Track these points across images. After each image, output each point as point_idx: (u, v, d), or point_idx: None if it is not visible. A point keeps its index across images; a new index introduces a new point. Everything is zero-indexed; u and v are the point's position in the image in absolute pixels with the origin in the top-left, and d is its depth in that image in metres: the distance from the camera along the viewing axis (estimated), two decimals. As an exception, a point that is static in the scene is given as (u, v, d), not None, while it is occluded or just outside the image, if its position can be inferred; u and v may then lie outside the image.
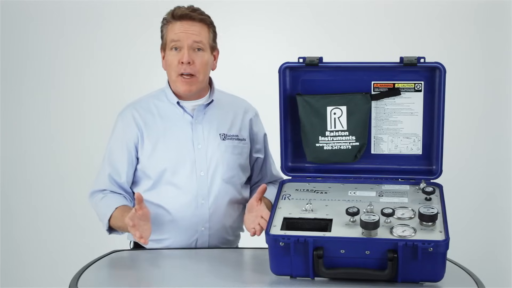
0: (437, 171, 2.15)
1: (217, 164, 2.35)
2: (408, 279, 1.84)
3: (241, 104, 2.48)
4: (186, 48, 2.26)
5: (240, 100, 2.50)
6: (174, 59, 2.28)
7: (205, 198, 2.33)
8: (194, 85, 2.31)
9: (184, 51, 2.26)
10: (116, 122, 2.39)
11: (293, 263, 1.88)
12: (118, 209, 2.27)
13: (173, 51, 2.28)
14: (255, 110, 2.51)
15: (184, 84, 2.29)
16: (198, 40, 2.28)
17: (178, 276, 2.03)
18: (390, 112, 2.18)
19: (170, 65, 2.30)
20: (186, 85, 2.30)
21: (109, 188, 2.35)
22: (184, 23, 2.27)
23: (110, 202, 2.31)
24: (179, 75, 2.28)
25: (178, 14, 2.28)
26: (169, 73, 2.32)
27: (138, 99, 2.42)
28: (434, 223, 1.88)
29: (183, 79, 2.29)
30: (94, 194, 2.37)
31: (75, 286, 1.91)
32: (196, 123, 2.36)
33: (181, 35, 2.26)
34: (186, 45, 2.26)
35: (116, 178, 2.34)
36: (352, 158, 2.20)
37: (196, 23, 2.28)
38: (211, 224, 2.35)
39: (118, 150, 2.34)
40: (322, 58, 2.14)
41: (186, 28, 2.27)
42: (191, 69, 2.27)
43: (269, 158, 2.53)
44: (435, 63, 2.08)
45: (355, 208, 1.95)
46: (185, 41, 2.26)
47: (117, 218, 2.26)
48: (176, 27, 2.27)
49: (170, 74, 2.32)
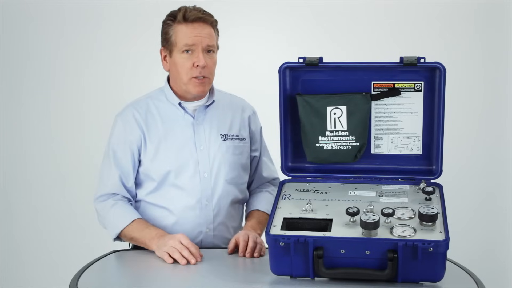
0: (437, 171, 2.15)
1: (219, 165, 2.35)
2: (408, 279, 1.84)
3: (238, 103, 2.48)
4: (201, 52, 2.25)
5: (237, 98, 2.50)
6: (187, 62, 2.26)
7: (209, 199, 2.34)
8: (207, 86, 2.32)
9: (199, 54, 2.25)
10: (116, 123, 2.36)
11: (293, 263, 1.88)
12: (135, 221, 2.26)
13: (184, 54, 2.26)
14: (252, 108, 2.51)
15: (197, 85, 2.28)
16: (211, 43, 2.28)
17: (178, 276, 2.03)
18: (390, 112, 2.18)
19: (182, 68, 2.27)
20: (200, 87, 2.29)
21: (118, 191, 2.32)
22: (197, 26, 2.26)
23: (124, 213, 2.28)
24: (192, 78, 2.27)
25: (191, 18, 2.25)
26: (180, 75, 2.29)
27: (137, 100, 2.41)
28: (434, 223, 1.88)
29: (197, 81, 2.28)
30: (102, 198, 2.33)
31: (75, 286, 1.91)
32: (197, 124, 2.35)
33: (196, 39, 2.25)
34: (201, 48, 2.25)
35: (125, 181, 2.32)
36: (352, 158, 2.20)
37: (207, 26, 2.28)
38: (215, 225, 2.35)
39: (122, 152, 2.32)
40: (322, 58, 2.14)
41: (199, 31, 2.26)
42: (205, 72, 2.27)
43: (263, 156, 2.52)
44: (435, 63, 2.08)
45: (355, 208, 1.95)
46: (200, 44, 2.25)
47: (134, 230, 2.24)
48: (189, 31, 2.25)
49: (181, 77, 2.29)
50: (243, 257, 2.14)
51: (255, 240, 2.17)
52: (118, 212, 2.28)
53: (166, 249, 2.11)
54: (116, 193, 2.32)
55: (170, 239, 2.13)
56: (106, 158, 2.35)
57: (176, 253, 2.09)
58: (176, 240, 2.12)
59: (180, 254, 2.08)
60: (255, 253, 2.14)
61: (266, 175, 2.52)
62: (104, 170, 2.35)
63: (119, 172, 2.31)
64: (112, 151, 2.33)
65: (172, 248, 2.10)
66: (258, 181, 2.53)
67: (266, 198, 2.46)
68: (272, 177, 2.54)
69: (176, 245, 2.10)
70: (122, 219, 2.27)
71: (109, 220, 2.30)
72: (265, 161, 2.53)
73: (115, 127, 2.36)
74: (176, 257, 2.08)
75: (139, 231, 2.23)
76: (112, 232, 2.29)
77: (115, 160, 2.32)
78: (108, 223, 2.30)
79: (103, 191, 2.33)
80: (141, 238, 2.22)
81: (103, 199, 2.32)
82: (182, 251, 2.09)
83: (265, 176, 2.52)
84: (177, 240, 2.12)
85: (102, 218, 2.33)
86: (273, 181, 2.54)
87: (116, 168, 2.31)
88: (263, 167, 2.52)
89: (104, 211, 2.30)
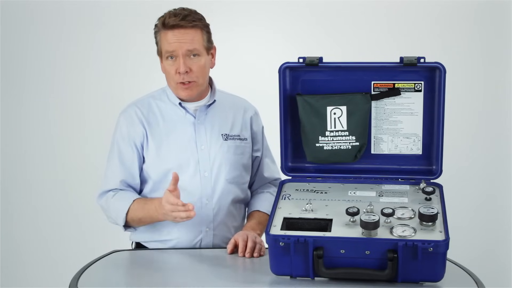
0: (437, 171, 2.15)
1: (220, 165, 2.35)
2: (408, 279, 1.84)
3: (240, 104, 2.48)
4: (182, 58, 2.24)
5: (240, 99, 2.50)
6: (171, 68, 2.27)
7: (209, 199, 2.34)
8: (195, 89, 2.31)
9: (179, 60, 2.24)
10: (119, 121, 2.37)
11: (293, 263, 1.88)
12: (135, 201, 2.27)
13: (169, 60, 2.26)
14: (254, 109, 2.51)
15: (184, 90, 2.29)
16: (192, 48, 2.25)
17: (178, 276, 2.03)
18: (390, 112, 2.18)
19: (168, 74, 2.29)
20: (187, 91, 2.29)
21: (122, 188, 2.32)
22: (176, 32, 2.24)
23: (125, 197, 2.29)
24: (178, 83, 2.28)
25: (170, 24, 2.24)
26: (168, 81, 2.32)
27: (139, 99, 2.41)
28: (434, 223, 1.88)
29: (183, 86, 2.28)
30: (103, 194, 2.34)
31: (75, 286, 1.91)
32: (198, 124, 2.36)
33: (175, 45, 2.24)
34: (181, 54, 2.24)
35: (129, 180, 2.33)
36: (352, 158, 2.20)
37: (188, 30, 2.25)
38: (215, 224, 2.36)
39: (127, 149, 2.32)
40: (322, 58, 2.14)
41: (179, 37, 2.24)
42: (189, 77, 2.27)
43: (265, 157, 2.52)
44: (435, 63, 2.08)
45: (355, 208, 1.95)
46: (179, 50, 2.24)
47: (137, 209, 2.26)
48: (169, 37, 2.24)
49: (169, 82, 2.32)
50: (243, 257, 2.14)
51: (254, 240, 2.17)
52: (118, 199, 2.30)
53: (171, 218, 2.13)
54: (118, 188, 2.33)
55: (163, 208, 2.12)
56: (111, 155, 2.36)
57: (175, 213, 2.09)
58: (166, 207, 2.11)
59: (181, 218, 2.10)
60: (255, 253, 2.14)
61: (268, 175, 2.52)
62: (108, 167, 2.36)
63: (123, 168, 2.32)
64: (117, 148, 2.34)
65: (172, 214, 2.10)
66: (259, 182, 2.53)
67: (267, 199, 2.46)
68: (274, 178, 2.54)
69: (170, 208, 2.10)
70: (123, 203, 2.28)
71: (113, 209, 2.30)
72: (267, 162, 2.53)
73: (118, 125, 2.37)
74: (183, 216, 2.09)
75: (141, 210, 2.25)
76: (118, 220, 2.29)
77: (119, 157, 2.33)
78: (112, 212, 2.31)
79: (106, 187, 2.34)
80: (146, 216, 2.25)
81: (104, 196, 2.33)
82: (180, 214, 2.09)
83: (266, 176, 2.52)
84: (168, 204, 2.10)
85: (106, 211, 2.33)
86: (274, 181, 2.54)
87: (120, 165, 2.32)
88: (264, 168, 2.52)
89: (107, 204, 2.31)
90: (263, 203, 2.44)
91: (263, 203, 2.44)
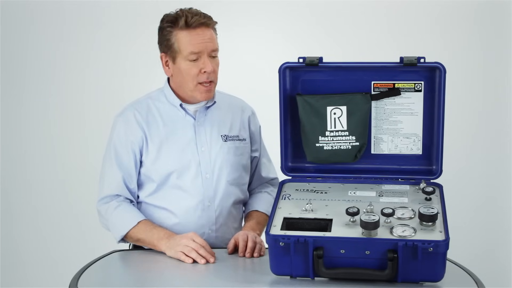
0: (437, 171, 2.15)
1: (221, 166, 2.35)
2: (408, 279, 1.84)
3: (238, 104, 2.47)
4: (207, 58, 2.24)
5: (236, 99, 2.49)
6: (193, 68, 2.24)
7: (211, 201, 2.33)
8: (213, 91, 2.31)
9: (205, 60, 2.23)
10: (116, 123, 2.34)
11: (293, 263, 1.88)
12: (141, 222, 2.25)
13: (191, 60, 2.24)
14: (251, 109, 2.50)
15: (204, 91, 2.27)
16: (215, 48, 2.26)
17: (178, 276, 2.03)
18: (390, 112, 2.18)
19: (188, 75, 2.25)
20: (207, 92, 2.28)
21: (121, 193, 2.30)
22: (200, 32, 2.22)
23: (128, 216, 2.26)
24: (198, 84, 2.26)
25: (194, 24, 2.21)
26: (186, 82, 2.27)
27: (137, 100, 2.39)
28: (434, 223, 1.88)
29: (204, 87, 2.26)
30: (105, 200, 2.30)
31: (75, 286, 1.91)
32: (198, 125, 2.35)
33: (202, 45, 2.22)
34: (207, 54, 2.24)
35: (127, 183, 2.31)
36: (352, 158, 2.20)
37: (209, 30, 2.25)
38: (217, 226, 2.35)
39: (124, 153, 2.30)
40: (322, 58, 2.14)
41: (203, 37, 2.23)
42: (212, 76, 2.26)
43: (262, 156, 2.52)
44: (435, 63, 2.08)
45: (355, 208, 1.95)
46: (205, 51, 2.23)
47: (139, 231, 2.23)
48: (193, 38, 2.22)
49: (187, 84, 2.27)
50: (243, 257, 2.14)
51: (254, 240, 2.17)
52: (122, 214, 2.26)
53: (180, 249, 2.10)
54: (118, 194, 2.30)
55: (183, 238, 2.12)
56: (108, 159, 2.32)
57: (193, 252, 2.08)
58: (190, 239, 2.11)
59: (197, 253, 2.07)
60: (255, 253, 2.14)
61: (265, 175, 2.52)
62: (106, 171, 2.32)
63: (122, 173, 2.29)
64: (114, 152, 2.31)
65: (187, 247, 2.09)
66: (257, 181, 2.53)
67: (265, 199, 2.46)
68: (271, 177, 2.54)
69: (190, 243, 2.09)
70: (128, 220, 2.25)
71: (113, 223, 2.27)
72: (264, 161, 2.53)
73: (115, 128, 2.34)
74: (194, 256, 2.07)
75: (146, 232, 2.22)
76: (117, 234, 2.27)
77: (117, 161, 2.30)
78: (112, 225, 2.28)
79: (106, 192, 2.30)
80: (148, 239, 2.21)
81: (106, 201, 2.30)
82: (198, 250, 2.08)
83: (264, 176, 2.52)
84: (190, 239, 2.11)
85: (105, 220, 2.30)
86: (271, 181, 2.54)
87: (119, 169, 2.29)
88: (262, 167, 2.52)
89: (107, 213, 2.28)
90: (261, 203, 2.44)
91: (261, 203, 2.45)
